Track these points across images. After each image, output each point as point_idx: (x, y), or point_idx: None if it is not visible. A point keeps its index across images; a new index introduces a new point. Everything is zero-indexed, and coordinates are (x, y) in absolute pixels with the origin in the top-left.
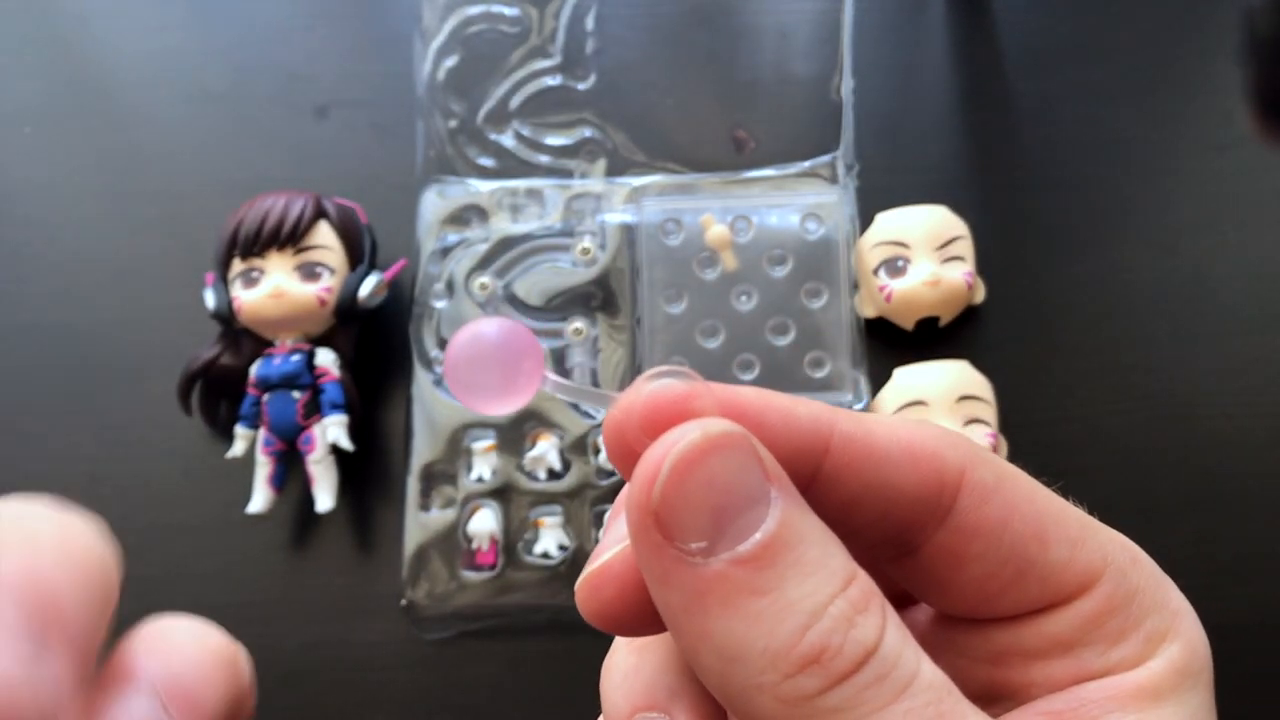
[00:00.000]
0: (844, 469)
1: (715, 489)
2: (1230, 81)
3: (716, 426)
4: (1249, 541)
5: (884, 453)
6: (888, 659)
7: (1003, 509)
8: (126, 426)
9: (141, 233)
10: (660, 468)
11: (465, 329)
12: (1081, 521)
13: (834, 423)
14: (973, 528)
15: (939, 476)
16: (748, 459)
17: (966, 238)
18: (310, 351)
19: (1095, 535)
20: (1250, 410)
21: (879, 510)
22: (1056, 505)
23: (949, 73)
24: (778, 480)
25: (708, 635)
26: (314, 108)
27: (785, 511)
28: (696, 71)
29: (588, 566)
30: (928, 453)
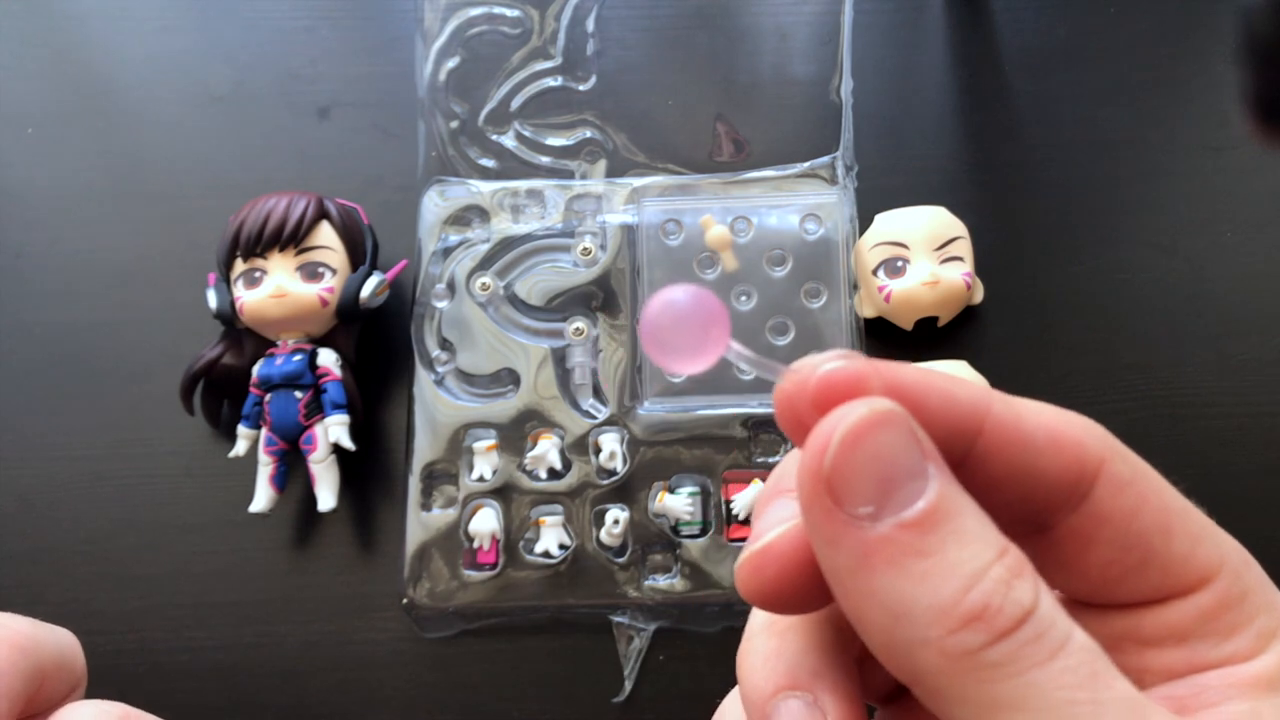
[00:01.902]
0: (994, 450)
1: (881, 460)
2: (1227, 83)
3: (882, 405)
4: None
5: (1032, 438)
6: (1044, 620)
7: (1134, 500)
8: (129, 426)
9: (144, 233)
10: (831, 439)
11: (661, 293)
12: (1202, 522)
13: (989, 405)
14: (1105, 514)
15: (1080, 464)
16: (908, 436)
17: (965, 238)
18: (312, 351)
19: (1214, 535)
20: (1248, 410)
21: (1022, 490)
22: (1182, 503)
23: (948, 74)
24: (934, 458)
25: (875, 594)
26: (316, 109)
27: (943, 485)
28: (697, 73)
29: (747, 549)
30: (1072, 440)
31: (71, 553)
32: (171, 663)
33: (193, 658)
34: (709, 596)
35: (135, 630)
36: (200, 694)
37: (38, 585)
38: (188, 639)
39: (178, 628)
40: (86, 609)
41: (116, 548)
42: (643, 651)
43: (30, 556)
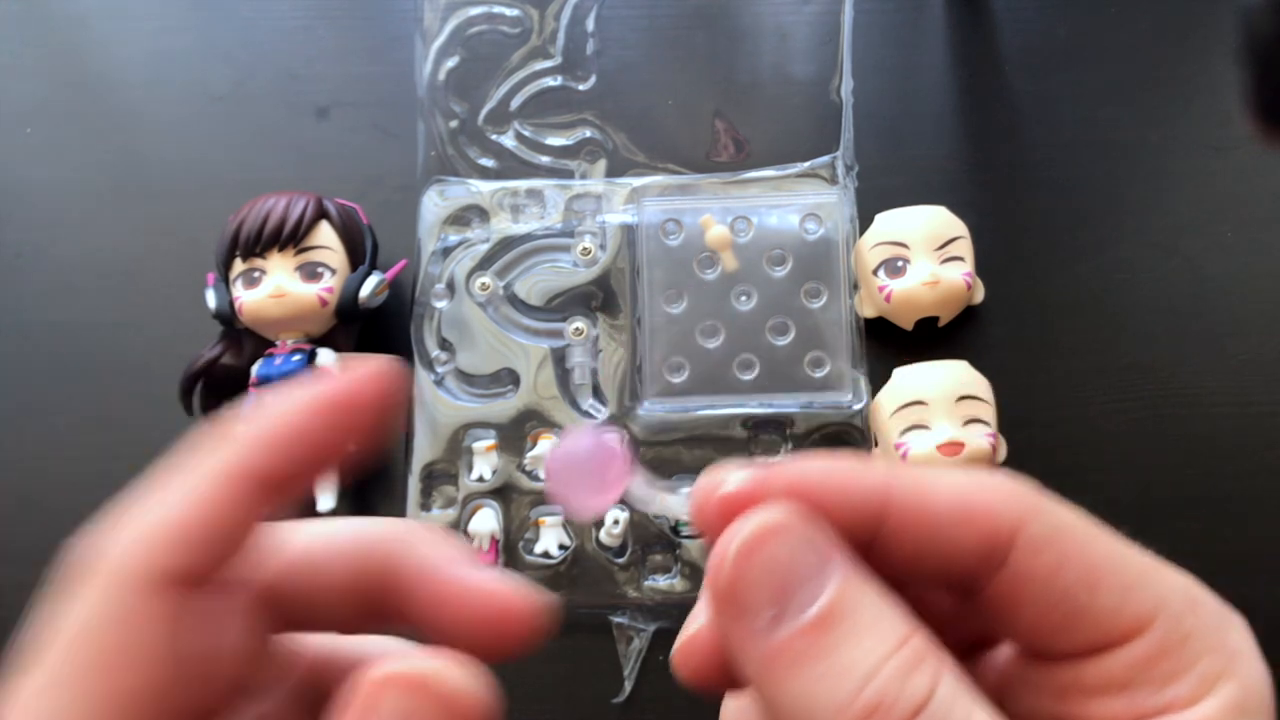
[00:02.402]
0: (901, 531)
1: (774, 570)
2: (1228, 82)
3: (772, 515)
4: (1248, 540)
5: (939, 514)
6: (940, 707)
7: (1055, 558)
8: (128, 426)
9: (143, 233)
10: (726, 554)
11: (563, 443)
12: (1140, 569)
13: (890, 488)
14: (1026, 575)
15: (992, 532)
16: (803, 539)
17: (965, 238)
18: (311, 351)
19: (1151, 582)
20: (1248, 409)
21: (937, 564)
22: (1114, 553)
23: (948, 74)
24: (836, 553)
25: (781, 696)
26: (315, 108)
27: (841, 583)
28: (697, 73)
29: (680, 636)
30: (981, 510)
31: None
32: None
33: None
34: None
35: None
36: None
37: (37, 585)
38: None
39: None
40: None
41: None
42: (643, 652)
43: (31, 556)
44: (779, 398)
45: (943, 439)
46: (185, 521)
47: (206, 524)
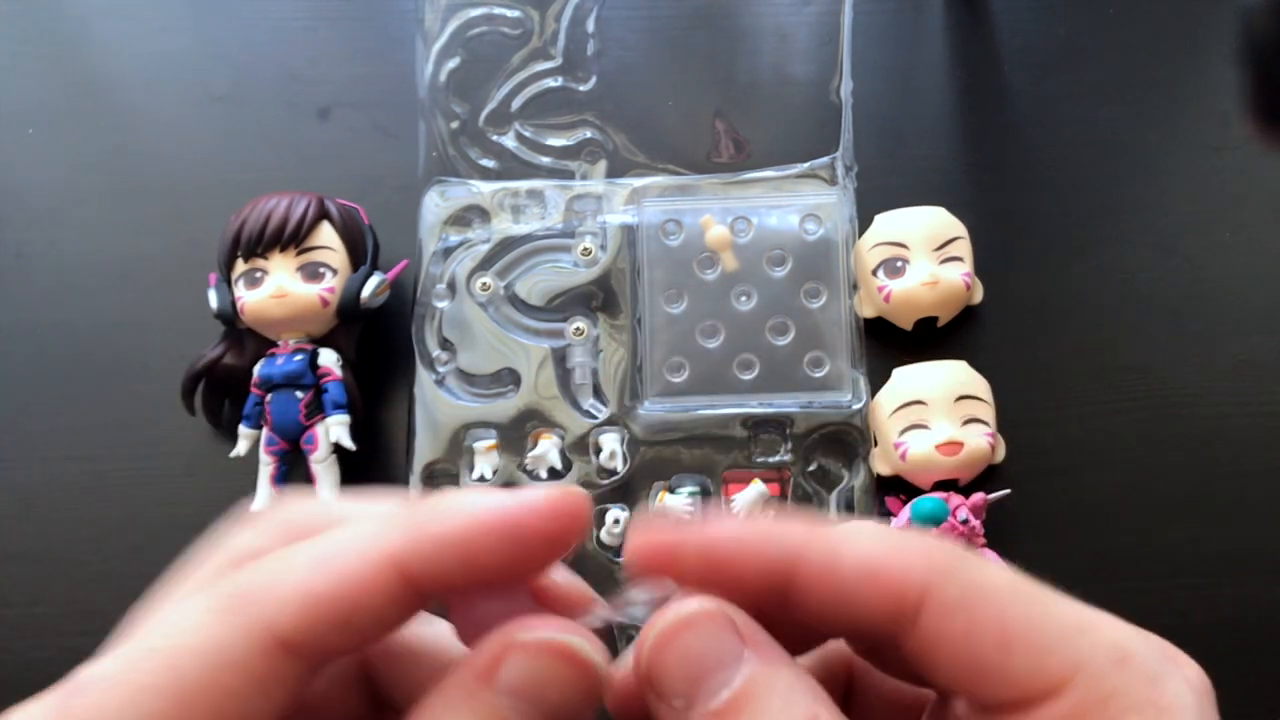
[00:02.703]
0: (808, 592)
1: (687, 659)
2: (1227, 83)
3: (689, 608)
4: (1247, 540)
5: (845, 577)
6: None
7: (964, 622)
8: (130, 426)
9: (145, 233)
10: (645, 644)
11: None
12: (1060, 629)
13: (800, 551)
14: (935, 638)
15: (898, 597)
16: (716, 631)
17: (965, 238)
18: (313, 351)
19: (1071, 643)
20: (1247, 409)
21: (848, 623)
22: (1032, 614)
23: (947, 75)
24: (750, 640)
25: None
26: (316, 109)
27: (753, 669)
28: (697, 73)
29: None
30: (888, 575)
31: (72, 552)
32: None
33: None
34: None
35: None
36: None
37: (39, 585)
38: None
39: None
40: (87, 609)
41: (118, 547)
42: None
43: (31, 556)
44: (779, 397)
45: (942, 439)
46: (343, 605)
47: (360, 614)
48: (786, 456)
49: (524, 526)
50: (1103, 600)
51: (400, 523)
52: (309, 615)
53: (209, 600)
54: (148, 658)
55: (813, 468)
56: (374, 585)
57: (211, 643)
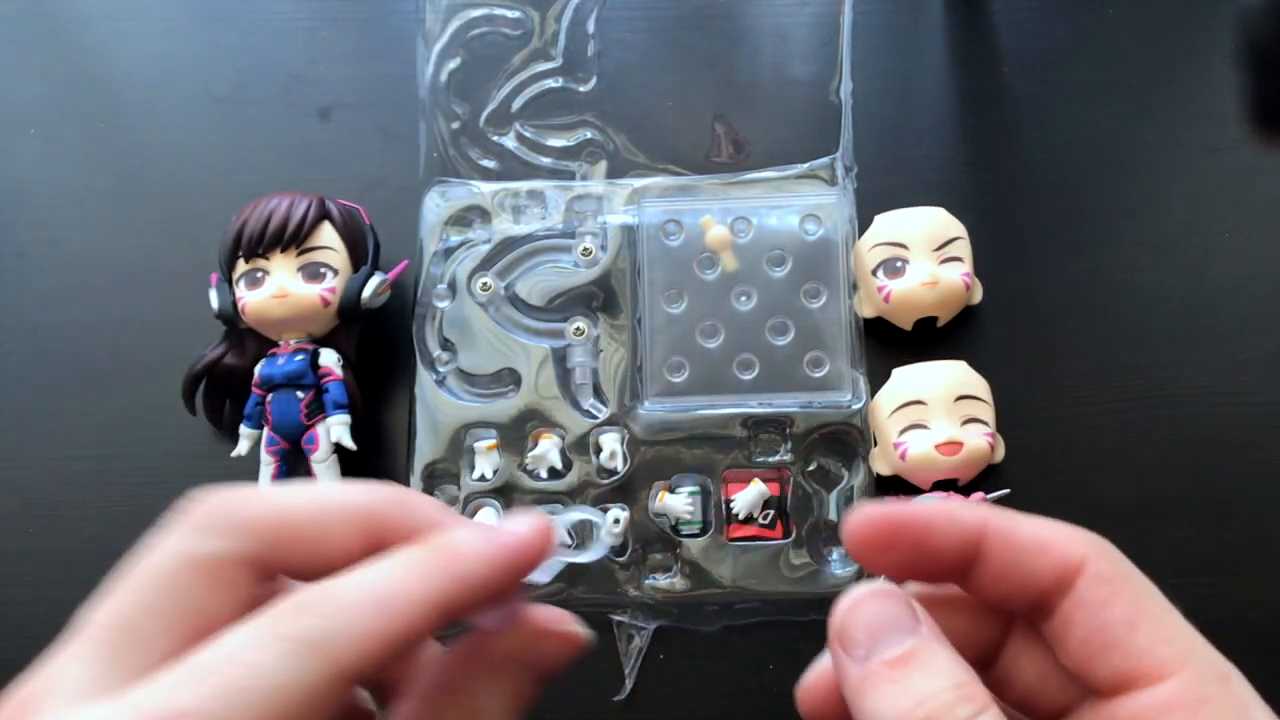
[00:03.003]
0: (995, 556)
1: (871, 620)
2: (1226, 84)
3: (878, 585)
4: (1247, 540)
5: (1024, 544)
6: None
7: (1107, 593)
8: (132, 426)
9: (146, 234)
10: (840, 608)
11: None
12: (1179, 629)
13: (986, 522)
14: (1082, 602)
15: (1064, 562)
16: (897, 605)
17: (964, 238)
18: (314, 351)
19: (1186, 641)
20: (1247, 409)
21: (1020, 584)
22: (1159, 607)
23: (947, 75)
24: (925, 623)
25: (864, 708)
26: (318, 110)
27: (920, 639)
28: (697, 74)
29: (804, 676)
30: (1057, 545)
31: (74, 552)
32: None
33: None
34: (709, 595)
35: None
36: None
37: (40, 584)
38: None
39: None
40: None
41: (118, 547)
42: (643, 650)
43: (33, 556)
44: (779, 397)
45: (941, 438)
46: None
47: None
48: (786, 456)
49: (530, 560)
50: None
51: (439, 568)
52: (373, 656)
53: (284, 644)
54: (242, 698)
55: (813, 467)
56: (424, 627)
57: (293, 685)
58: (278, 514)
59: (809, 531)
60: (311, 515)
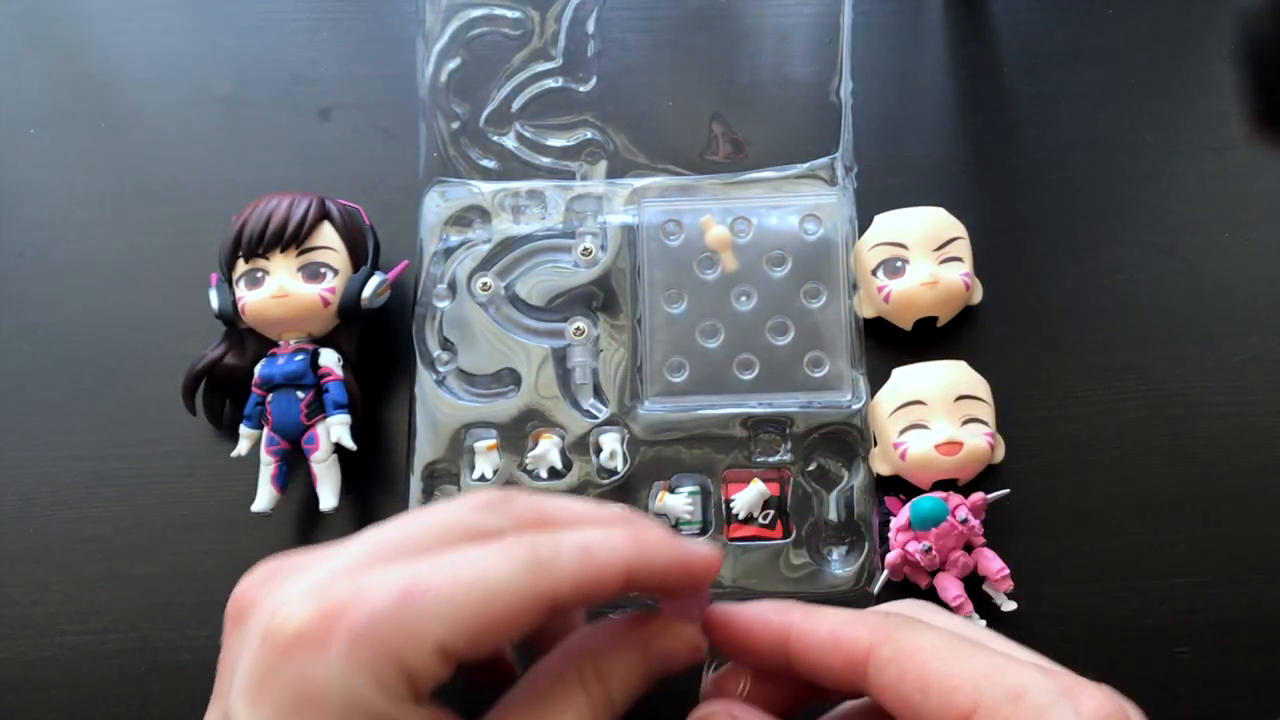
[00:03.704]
0: (798, 650)
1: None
2: (1226, 84)
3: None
4: (1247, 540)
5: (819, 641)
6: None
7: (895, 673)
8: (131, 426)
9: (146, 234)
10: None
11: None
12: (969, 673)
13: (791, 623)
14: (879, 686)
15: (851, 656)
16: None
17: (964, 239)
18: (314, 351)
19: (973, 684)
20: (1247, 409)
21: (825, 676)
22: (947, 664)
23: (947, 75)
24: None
25: None
26: (317, 110)
27: None
28: (697, 74)
29: None
30: (845, 641)
31: (73, 552)
32: (173, 662)
33: (194, 657)
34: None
35: (137, 629)
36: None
37: (40, 584)
38: (190, 638)
39: (179, 627)
40: (88, 608)
41: (118, 547)
42: None
43: (32, 556)
44: (778, 397)
45: (941, 438)
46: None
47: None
48: (786, 456)
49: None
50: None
51: (636, 546)
52: (578, 592)
53: (516, 560)
54: (476, 586)
55: (812, 467)
56: (615, 583)
57: (517, 590)
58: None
59: (809, 531)
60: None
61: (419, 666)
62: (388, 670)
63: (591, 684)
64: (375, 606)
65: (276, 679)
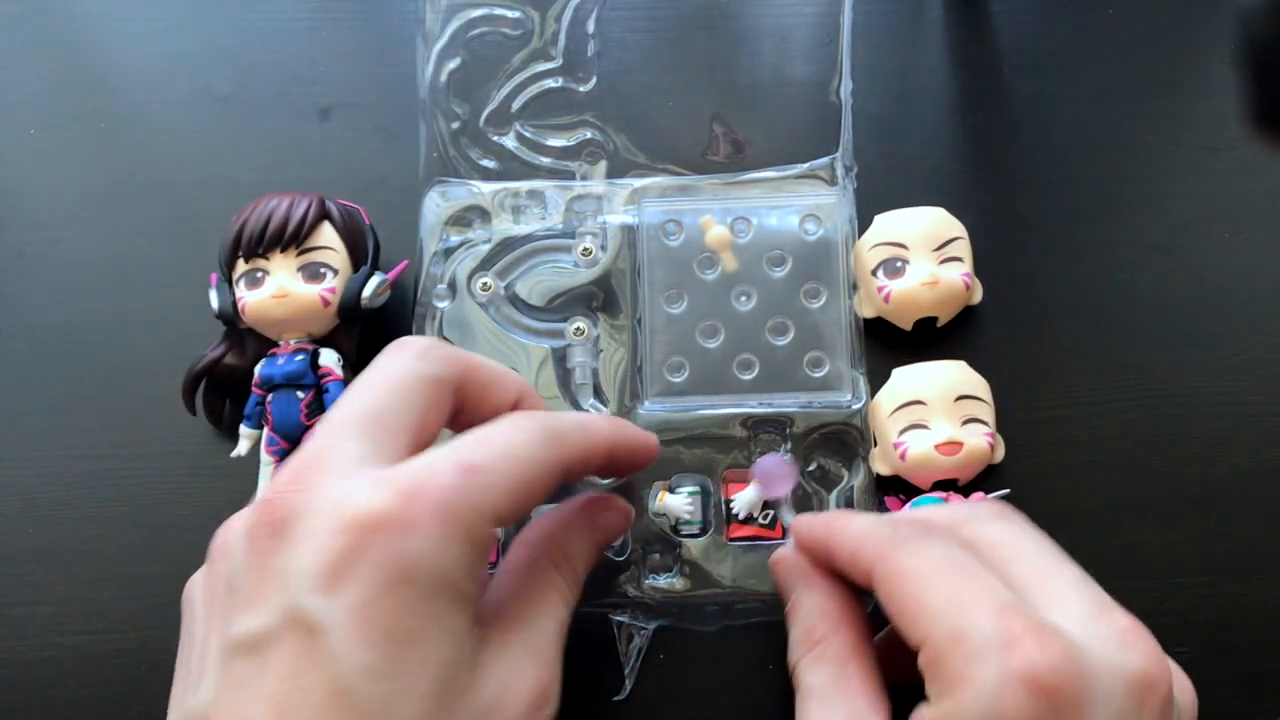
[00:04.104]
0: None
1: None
2: (1226, 84)
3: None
4: (1247, 540)
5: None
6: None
7: (885, 592)
8: (131, 426)
9: (146, 234)
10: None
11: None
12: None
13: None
14: (880, 602)
15: (865, 570)
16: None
17: (964, 239)
18: (314, 352)
19: (928, 619)
20: (1247, 409)
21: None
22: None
23: (947, 75)
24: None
25: None
26: (318, 110)
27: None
28: (697, 74)
29: None
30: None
31: (73, 552)
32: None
33: None
34: (709, 596)
35: (137, 630)
36: None
37: (40, 584)
38: None
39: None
40: (88, 608)
41: (118, 547)
42: (643, 650)
43: (32, 556)
44: (779, 397)
45: (941, 438)
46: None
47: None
48: (786, 457)
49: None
50: None
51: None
52: (580, 463)
53: (536, 433)
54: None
55: (813, 467)
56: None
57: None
58: (470, 358)
59: None
60: (490, 368)
61: (482, 537)
62: (464, 543)
63: (562, 565)
64: (446, 484)
65: (361, 563)
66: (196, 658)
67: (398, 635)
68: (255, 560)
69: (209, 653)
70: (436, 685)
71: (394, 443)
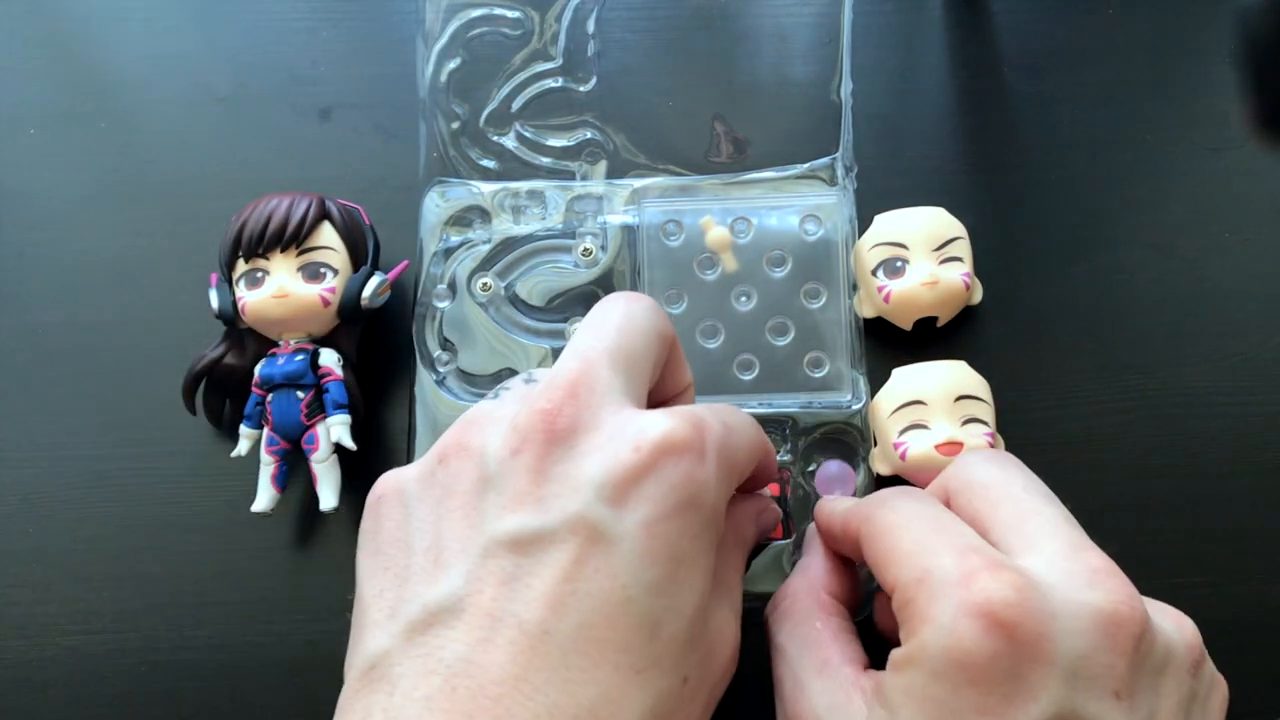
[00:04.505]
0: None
1: None
2: (1226, 83)
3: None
4: (1247, 540)
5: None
6: None
7: (869, 549)
8: (131, 426)
9: (146, 234)
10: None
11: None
12: (900, 553)
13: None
14: (865, 555)
15: (854, 539)
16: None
17: (964, 239)
18: (314, 351)
19: (897, 565)
20: (1247, 409)
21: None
22: (894, 545)
23: (947, 75)
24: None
25: None
26: (318, 110)
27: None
28: (697, 74)
29: None
30: (848, 524)
31: (73, 552)
32: (172, 662)
33: (194, 657)
34: None
35: (136, 629)
36: (201, 694)
37: (40, 584)
38: (189, 638)
39: (179, 627)
40: (88, 608)
41: (118, 547)
42: None
43: (32, 556)
44: (779, 397)
45: (941, 438)
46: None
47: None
48: (786, 456)
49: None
50: None
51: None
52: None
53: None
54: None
55: (813, 468)
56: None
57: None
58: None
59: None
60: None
61: (733, 488)
62: (731, 482)
63: (742, 547)
64: (719, 432)
65: (654, 482)
66: (424, 551)
67: (678, 556)
68: (532, 463)
69: (448, 547)
70: (696, 612)
71: (641, 384)
